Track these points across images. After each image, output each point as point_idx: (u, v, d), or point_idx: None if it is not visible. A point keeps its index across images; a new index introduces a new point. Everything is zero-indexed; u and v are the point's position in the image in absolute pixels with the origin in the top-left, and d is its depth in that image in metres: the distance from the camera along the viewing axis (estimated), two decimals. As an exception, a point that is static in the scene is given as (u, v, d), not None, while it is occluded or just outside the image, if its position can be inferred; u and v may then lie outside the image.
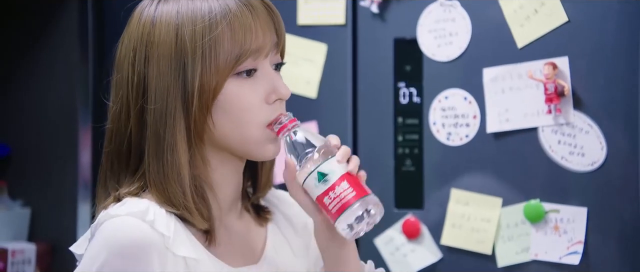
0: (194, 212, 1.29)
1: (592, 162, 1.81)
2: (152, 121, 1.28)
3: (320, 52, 2.05)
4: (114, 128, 1.33)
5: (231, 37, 1.28)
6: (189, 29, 1.27)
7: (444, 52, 1.95)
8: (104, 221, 1.25)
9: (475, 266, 1.92)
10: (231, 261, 1.34)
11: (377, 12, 2.00)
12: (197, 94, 1.27)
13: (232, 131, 1.30)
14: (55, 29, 2.32)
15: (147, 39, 1.29)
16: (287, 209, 1.48)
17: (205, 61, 1.27)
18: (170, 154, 1.27)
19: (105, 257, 1.22)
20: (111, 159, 1.34)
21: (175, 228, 1.27)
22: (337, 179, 1.26)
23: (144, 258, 1.23)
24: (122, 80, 1.31)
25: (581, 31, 1.81)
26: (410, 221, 1.98)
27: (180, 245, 1.27)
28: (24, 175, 2.37)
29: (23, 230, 2.34)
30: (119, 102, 1.32)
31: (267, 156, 1.34)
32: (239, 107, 1.29)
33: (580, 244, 1.82)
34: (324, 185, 1.26)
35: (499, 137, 1.90)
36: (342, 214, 1.26)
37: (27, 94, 2.36)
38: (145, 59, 1.29)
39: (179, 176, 1.28)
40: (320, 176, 1.27)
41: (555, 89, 1.81)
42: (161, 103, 1.28)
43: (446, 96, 1.96)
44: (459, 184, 1.94)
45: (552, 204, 1.85)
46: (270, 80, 1.31)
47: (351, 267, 1.35)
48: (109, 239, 1.23)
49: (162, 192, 1.28)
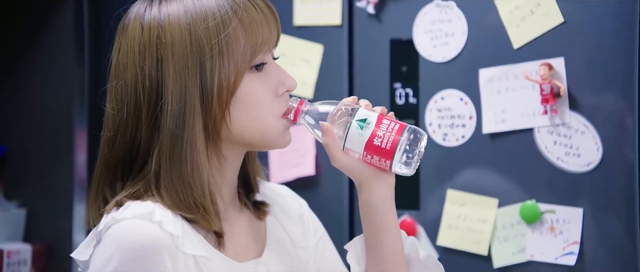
0: (211, 212, 1.29)
1: (588, 162, 1.81)
2: (168, 123, 1.27)
3: (317, 53, 2.05)
4: (118, 135, 1.31)
5: (244, 33, 1.29)
6: (201, 27, 1.27)
7: (440, 53, 1.95)
8: (111, 225, 1.25)
9: (471, 267, 1.92)
10: (236, 256, 1.35)
11: (373, 12, 2.00)
12: (217, 91, 1.28)
13: (250, 125, 1.31)
14: (51, 29, 2.31)
15: (157, 42, 1.29)
16: (282, 202, 1.50)
17: (222, 58, 1.28)
18: (189, 154, 1.27)
19: (118, 261, 1.22)
20: (109, 166, 1.33)
21: (183, 227, 1.28)
22: (376, 119, 1.30)
23: (156, 259, 1.23)
24: (126, 86, 1.30)
25: (577, 32, 1.82)
26: (407, 222, 1.98)
27: (189, 244, 1.27)
28: (19, 176, 2.36)
29: (19, 231, 2.33)
30: (125, 109, 1.30)
31: (282, 146, 1.37)
32: (254, 101, 1.31)
33: (576, 245, 1.82)
34: (368, 129, 1.29)
35: (495, 137, 1.90)
36: (397, 146, 1.29)
37: (23, 95, 2.36)
38: (158, 62, 1.28)
39: (199, 175, 1.28)
40: (361, 123, 1.30)
41: (551, 89, 1.81)
42: (179, 103, 1.27)
43: (442, 97, 1.96)
44: (455, 185, 1.94)
45: (548, 205, 1.85)
46: (277, 74, 1.34)
47: (391, 237, 1.35)
48: (119, 243, 1.23)
49: (176, 195, 1.28)
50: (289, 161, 2.07)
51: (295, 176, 2.05)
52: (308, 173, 2.05)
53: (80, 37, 2.29)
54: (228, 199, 1.38)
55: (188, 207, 1.28)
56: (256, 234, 1.42)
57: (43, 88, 2.33)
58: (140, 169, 1.31)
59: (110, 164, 1.32)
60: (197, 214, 1.28)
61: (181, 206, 1.28)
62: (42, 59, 2.33)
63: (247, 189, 1.45)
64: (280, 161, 2.06)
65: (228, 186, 1.37)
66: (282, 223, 1.47)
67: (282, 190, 1.55)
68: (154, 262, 1.22)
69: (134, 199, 1.29)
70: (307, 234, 1.49)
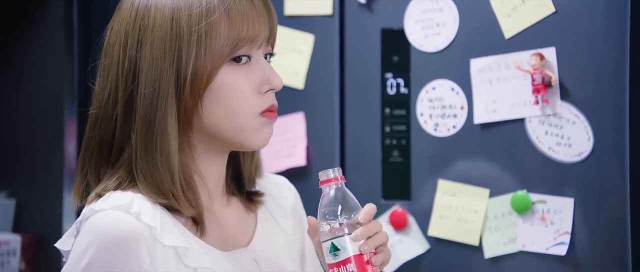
0: (181, 200, 1.28)
1: (579, 153, 1.81)
2: (142, 106, 1.27)
3: (308, 43, 2.05)
4: (100, 113, 1.32)
5: (228, 24, 1.27)
6: (185, 13, 1.27)
7: (431, 43, 1.95)
8: (89, 216, 1.25)
9: (462, 257, 1.92)
10: (222, 245, 1.34)
11: (364, 2, 2.00)
12: (190, 80, 1.26)
13: (223, 119, 1.29)
14: (41, 20, 2.30)
15: (141, 24, 1.29)
16: (277, 193, 1.49)
17: (200, 46, 1.27)
18: (160, 140, 1.27)
19: (93, 252, 1.22)
20: (93, 145, 1.33)
21: (162, 219, 1.27)
22: (345, 258, 1.28)
23: (132, 251, 1.22)
24: (111, 65, 1.31)
25: (569, 22, 1.81)
26: (398, 212, 1.98)
27: (168, 235, 1.26)
28: (9, 166, 2.35)
29: (8, 221, 2.32)
30: (108, 87, 1.31)
31: (257, 146, 1.35)
32: (230, 95, 1.29)
33: (567, 235, 1.82)
34: (334, 258, 1.28)
35: (487, 128, 1.90)
36: None
37: (12, 85, 2.35)
38: (138, 43, 1.28)
39: (168, 162, 1.27)
40: (333, 248, 1.29)
41: (542, 79, 1.81)
42: (153, 88, 1.27)
43: (433, 87, 1.95)
44: (446, 175, 1.94)
45: (539, 195, 1.85)
46: (263, 70, 1.31)
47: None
48: (95, 234, 1.23)
49: (150, 180, 1.28)
50: (280, 151, 2.06)
51: (286, 166, 2.05)
52: (299, 164, 2.05)
53: (70, 27, 2.27)
54: (214, 190, 1.37)
55: (159, 193, 1.28)
56: (245, 225, 1.42)
57: (33, 78, 2.32)
58: (119, 152, 1.31)
59: (93, 143, 1.32)
60: (169, 200, 1.28)
61: (155, 191, 1.27)
62: (32, 50, 2.32)
63: (238, 184, 1.45)
64: (271, 151, 2.05)
65: (214, 176, 1.36)
66: (274, 216, 1.47)
67: (278, 180, 1.54)
68: (130, 253, 1.22)
69: (115, 189, 1.29)
70: (302, 225, 1.49)
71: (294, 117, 2.05)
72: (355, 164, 2.02)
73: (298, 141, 2.05)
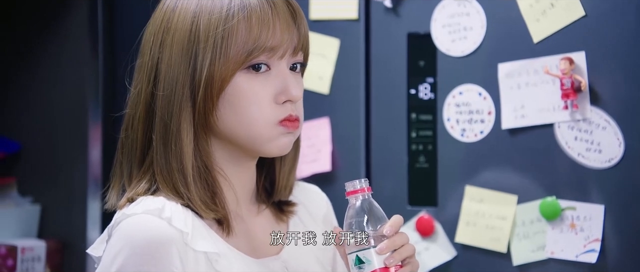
0: (196, 202, 1.28)
1: (610, 158, 1.79)
2: (160, 108, 1.28)
3: (333, 47, 2.03)
4: (130, 114, 1.33)
5: (247, 31, 1.27)
6: (205, 17, 1.27)
7: (458, 47, 1.93)
8: (121, 220, 1.25)
9: (490, 264, 1.90)
10: (253, 253, 1.34)
11: (390, 6, 1.98)
12: (204, 84, 1.26)
13: (237, 125, 1.29)
14: (65, 23, 2.30)
15: (165, 26, 1.30)
16: (307, 200, 1.48)
17: (215, 52, 1.26)
18: (174, 143, 1.27)
19: (125, 256, 1.22)
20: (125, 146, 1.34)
21: (194, 224, 1.27)
22: (370, 271, 1.27)
23: (163, 255, 1.22)
24: (141, 66, 1.32)
25: (598, 25, 1.79)
26: (424, 219, 1.96)
27: (199, 240, 1.26)
28: (33, 171, 2.36)
29: (33, 227, 2.32)
30: (137, 87, 1.32)
31: (273, 154, 1.34)
32: (245, 103, 1.28)
33: (597, 242, 1.79)
34: (359, 270, 1.27)
35: (514, 133, 1.88)
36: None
37: (36, 90, 2.35)
38: (160, 45, 1.30)
39: (181, 165, 1.27)
40: (357, 261, 1.28)
41: (571, 84, 1.78)
42: (169, 90, 1.28)
43: (460, 92, 1.93)
44: (473, 181, 1.92)
45: (568, 202, 1.82)
46: (282, 80, 1.30)
47: None
48: (127, 238, 1.23)
49: (168, 181, 1.28)
50: (305, 156, 2.05)
51: (311, 172, 2.03)
52: (324, 169, 2.03)
53: (94, 31, 2.28)
54: (244, 195, 1.36)
55: (176, 194, 1.28)
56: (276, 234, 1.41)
57: (57, 83, 2.32)
58: (146, 153, 1.32)
59: (125, 145, 1.33)
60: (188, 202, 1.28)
61: (171, 191, 1.28)
62: (55, 54, 2.32)
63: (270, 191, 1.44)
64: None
65: (243, 181, 1.36)
66: (306, 224, 1.46)
67: (310, 188, 1.53)
68: (162, 258, 1.22)
69: (146, 193, 1.29)
70: None
71: (319, 122, 2.04)
72: (380, 170, 2.01)
73: (323, 146, 2.04)
